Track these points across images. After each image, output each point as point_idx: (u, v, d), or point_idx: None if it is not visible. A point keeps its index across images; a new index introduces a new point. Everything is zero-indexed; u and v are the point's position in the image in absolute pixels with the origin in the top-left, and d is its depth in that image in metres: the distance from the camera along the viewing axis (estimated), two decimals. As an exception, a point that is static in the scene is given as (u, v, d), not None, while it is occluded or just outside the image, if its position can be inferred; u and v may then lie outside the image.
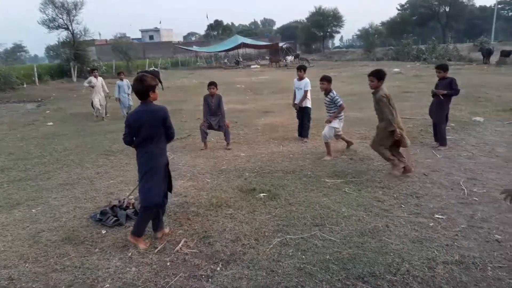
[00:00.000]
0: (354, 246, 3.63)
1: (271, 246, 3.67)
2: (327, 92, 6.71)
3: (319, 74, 7.77)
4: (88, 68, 29.30)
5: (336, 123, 6.62)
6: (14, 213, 4.81)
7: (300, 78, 7.82)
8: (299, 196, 4.91)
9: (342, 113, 6.74)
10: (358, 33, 64.63)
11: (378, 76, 5.49)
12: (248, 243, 3.75)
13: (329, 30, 74.31)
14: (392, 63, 36.13)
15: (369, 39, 55.05)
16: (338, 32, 78.35)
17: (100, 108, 12.25)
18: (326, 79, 6.68)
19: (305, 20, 78.36)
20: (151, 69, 27.63)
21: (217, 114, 7.56)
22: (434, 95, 6.85)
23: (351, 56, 56.85)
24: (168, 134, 3.78)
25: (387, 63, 36.30)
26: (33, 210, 4.85)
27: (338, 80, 22.83)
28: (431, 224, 4.03)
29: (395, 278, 3.13)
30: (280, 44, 54.99)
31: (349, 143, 7.17)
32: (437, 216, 4.21)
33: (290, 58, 45.67)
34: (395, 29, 66.22)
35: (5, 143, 9.31)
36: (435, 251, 3.49)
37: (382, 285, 3.04)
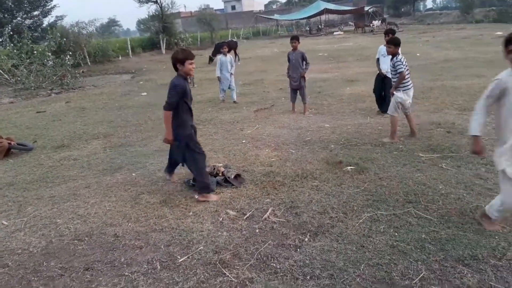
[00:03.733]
0: (453, 227, 3.37)
1: (361, 221, 3.57)
2: (393, 56, 5.76)
3: (408, 39, 7.27)
4: (175, 41, 30.79)
5: (400, 94, 5.67)
6: (117, 176, 5.29)
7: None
8: (390, 170, 4.68)
9: (408, 82, 5.70)
10: (454, -8, 58.33)
11: None
12: (336, 216, 3.69)
13: (421, -10, 68.09)
14: (494, 26, 32.17)
15: (467, -1, 49.49)
16: (432, -7, 71.46)
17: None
18: (392, 42, 5.69)
19: (394, -19, 72.50)
20: (229, 39, 27.98)
21: (298, 70, 7.63)
22: None
23: (446, 19, 51.84)
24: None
25: (488, 26, 32.40)
26: (133, 174, 5.29)
27: (431, 45, 21.01)
28: (546, 208, 3.57)
29: (500, 263, 2.86)
30: (366, 8, 51.86)
31: (412, 132, 5.98)
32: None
33: (376, 22, 43.02)
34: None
35: (106, 111, 10.22)
36: (552, 238, 3.10)
37: (485, 270, 2.79)
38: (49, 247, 3.55)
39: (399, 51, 5.68)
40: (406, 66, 5.63)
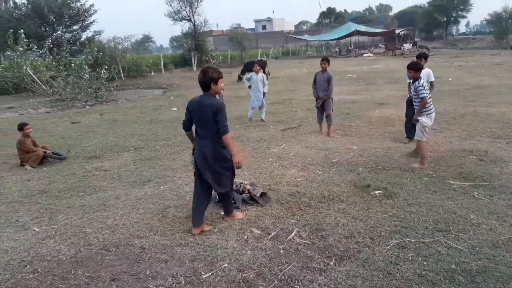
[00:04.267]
0: (484, 258, 3.25)
1: (388, 247, 3.49)
2: (414, 80, 5.65)
3: (440, 64, 7.12)
4: (206, 58, 31.53)
5: (424, 118, 5.55)
6: (145, 188, 5.41)
7: None
8: (420, 197, 4.57)
9: (431, 106, 5.59)
10: (488, 17, 57.19)
11: None
12: (363, 241, 3.63)
13: (454, 14, 67.19)
14: (532, 52, 31.26)
15: (501, 24, 48.53)
16: (465, 17, 70.47)
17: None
18: (412, 67, 5.59)
19: (426, 5, 72.06)
20: (258, 59, 28.34)
21: (323, 93, 7.65)
22: None
23: (479, 44, 50.79)
24: (218, 129, 3.76)
25: (526, 51, 31.54)
26: (161, 187, 5.40)
27: (464, 70, 20.61)
28: None
29: (533, 299, 2.73)
30: (397, 31, 51.54)
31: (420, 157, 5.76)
32: None
33: (407, 45, 42.51)
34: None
35: (137, 125, 10.51)
36: None
37: (518, 306, 2.67)
38: (78, 255, 3.65)
39: (421, 74, 5.62)
40: (427, 90, 5.55)
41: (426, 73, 6.83)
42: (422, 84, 5.53)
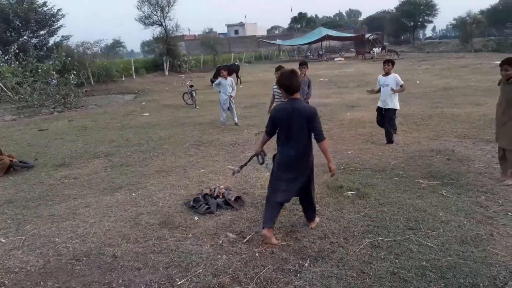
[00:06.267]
0: (454, 254, 3.36)
1: (361, 246, 3.55)
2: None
3: (408, 67, 7.34)
4: (179, 63, 31.23)
5: None
6: (117, 195, 5.29)
7: (387, 74, 7.01)
8: (391, 196, 4.68)
9: None
10: (453, 22, 59.35)
11: None
12: (337, 242, 3.67)
13: (420, 19, 69.49)
14: (493, 55, 32.80)
15: (466, 29, 50.53)
16: (431, 22, 72.84)
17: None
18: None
19: (394, 10, 74.34)
20: (231, 63, 28.36)
21: (302, 97, 7.55)
22: None
23: (445, 48, 52.71)
24: (310, 135, 3.71)
25: (487, 55, 32.97)
26: (133, 194, 5.29)
27: (431, 73, 21.31)
28: (547, 238, 3.57)
29: (501, 293, 2.84)
30: (367, 36, 52.87)
31: None
32: (555, 229, 3.72)
33: (376, 50, 43.71)
34: (496, 17, 59.55)
35: (108, 130, 10.28)
36: (554, 269, 3.08)
37: (486, 300, 2.77)
38: (47, 266, 3.52)
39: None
40: None
41: (393, 78, 6.93)
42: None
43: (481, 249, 3.43)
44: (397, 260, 3.30)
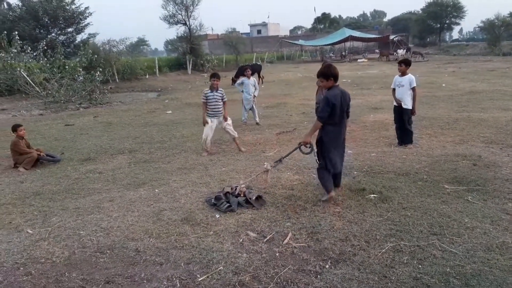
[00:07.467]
0: (478, 262, 3.27)
1: (383, 250, 3.50)
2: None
3: (433, 70, 7.18)
4: (201, 62, 31.51)
5: None
6: (140, 191, 5.38)
7: (403, 74, 6.93)
8: (414, 201, 4.59)
9: None
10: (481, 25, 57.80)
11: None
12: (358, 245, 3.64)
13: (447, 21, 68.03)
14: (524, 58, 31.66)
15: (494, 31, 49.16)
16: (458, 24, 71.31)
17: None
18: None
19: (420, 11, 72.94)
20: (253, 63, 28.43)
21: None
22: None
23: (472, 50, 51.43)
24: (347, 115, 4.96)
25: (518, 58, 31.93)
26: (156, 190, 5.37)
27: (457, 76, 20.82)
28: None
29: (528, 303, 2.75)
30: (391, 37, 52.03)
31: None
32: None
33: (401, 51, 42.96)
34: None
35: (132, 127, 10.47)
36: None
37: (512, 310, 2.69)
38: (72, 258, 3.61)
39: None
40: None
41: (409, 78, 6.87)
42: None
43: (507, 257, 3.33)
44: (420, 266, 3.24)
